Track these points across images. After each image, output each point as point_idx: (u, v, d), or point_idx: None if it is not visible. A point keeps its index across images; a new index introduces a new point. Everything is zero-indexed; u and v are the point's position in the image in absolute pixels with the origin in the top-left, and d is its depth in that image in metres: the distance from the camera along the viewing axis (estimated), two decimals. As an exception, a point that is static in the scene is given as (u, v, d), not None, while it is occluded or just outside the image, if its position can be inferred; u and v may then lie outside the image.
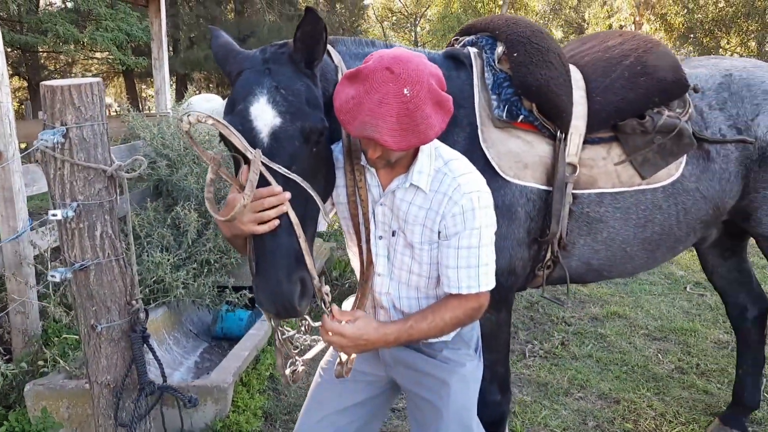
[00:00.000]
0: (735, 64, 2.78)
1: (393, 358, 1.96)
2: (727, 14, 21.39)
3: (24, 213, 3.49)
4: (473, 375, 1.97)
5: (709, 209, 2.61)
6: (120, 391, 2.33)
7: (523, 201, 2.35)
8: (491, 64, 2.39)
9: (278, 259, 1.62)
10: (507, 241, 2.36)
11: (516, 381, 3.77)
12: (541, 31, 2.43)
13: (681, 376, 3.84)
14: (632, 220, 2.50)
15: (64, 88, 2.06)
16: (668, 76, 2.44)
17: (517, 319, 4.74)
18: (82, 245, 2.20)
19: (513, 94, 2.31)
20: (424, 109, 1.52)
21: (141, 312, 2.34)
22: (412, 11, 33.20)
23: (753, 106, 2.60)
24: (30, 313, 3.52)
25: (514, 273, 2.44)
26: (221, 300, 4.29)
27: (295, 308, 1.64)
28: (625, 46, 2.56)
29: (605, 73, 2.49)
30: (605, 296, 5.24)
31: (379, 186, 1.80)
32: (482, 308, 1.80)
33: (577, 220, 2.47)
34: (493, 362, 2.51)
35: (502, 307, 2.49)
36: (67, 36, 13.57)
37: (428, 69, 1.58)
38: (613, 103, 2.41)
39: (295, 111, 1.65)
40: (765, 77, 2.68)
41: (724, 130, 2.58)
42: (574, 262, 2.56)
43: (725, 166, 2.57)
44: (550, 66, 2.32)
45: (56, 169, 2.12)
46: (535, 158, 2.35)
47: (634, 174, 2.46)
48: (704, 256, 3.25)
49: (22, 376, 3.21)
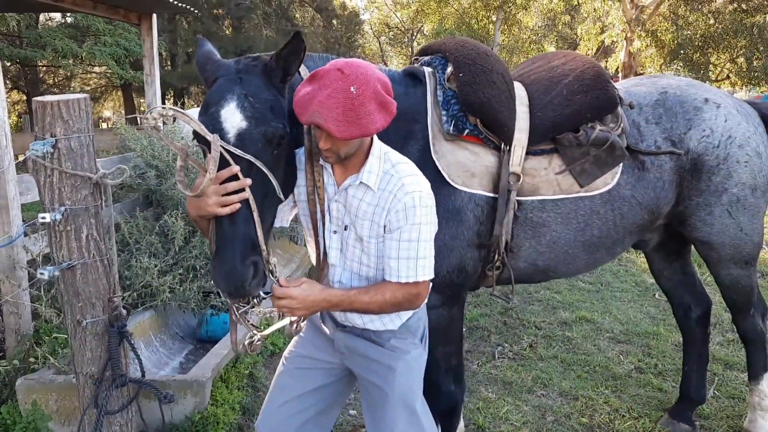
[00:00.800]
0: (671, 82, 3.02)
1: (347, 347, 2.18)
2: (716, 31, 21.76)
3: (18, 220, 3.71)
4: (418, 361, 2.19)
5: (645, 214, 2.84)
6: (100, 382, 2.55)
7: (471, 206, 2.58)
8: (442, 83, 2.63)
9: (235, 243, 1.85)
10: (457, 242, 2.59)
11: (483, 380, 3.99)
12: (486, 54, 2.67)
13: (639, 375, 4.06)
14: (573, 224, 2.74)
15: (53, 103, 2.29)
16: (600, 95, 2.68)
17: (491, 324, 4.96)
18: (69, 246, 2.42)
19: (459, 110, 2.55)
20: (367, 106, 1.78)
21: (121, 308, 2.55)
22: (408, 27, 33.59)
23: (685, 120, 2.85)
24: (23, 314, 3.74)
25: (464, 271, 2.66)
26: (206, 304, 4.52)
27: (246, 289, 1.87)
28: (566, 67, 2.81)
29: (547, 90, 2.74)
30: (576, 302, 5.47)
31: (335, 184, 2.05)
32: (421, 296, 2.02)
33: (522, 225, 2.70)
34: (447, 354, 2.74)
35: (455, 303, 2.70)
36: (66, 51, 13.88)
37: (376, 75, 1.85)
38: (551, 118, 2.65)
39: (260, 117, 1.88)
40: (697, 95, 2.92)
41: (659, 143, 2.82)
42: (522, 263, 2.79)
43: (659, 176, 2.81)
44: (493, 85, 2.56)
45: (46, 176, 2.34)
46: (482, 168, 2.58)
47: (573, 183, 2.69)
48: (651, 259, 3.49)
49: (14, 373, 3.42)
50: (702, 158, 2.81)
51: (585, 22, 26.55)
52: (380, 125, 1.82)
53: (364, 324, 2.12)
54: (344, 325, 2.18)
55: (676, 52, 22.38)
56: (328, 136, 1.82)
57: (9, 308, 3.71)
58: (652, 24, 22.42)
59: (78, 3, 5.22)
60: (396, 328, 2.14)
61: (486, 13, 26.69)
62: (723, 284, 3.11)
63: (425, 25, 31.04)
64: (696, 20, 22.06)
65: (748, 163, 2.84)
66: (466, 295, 2.83)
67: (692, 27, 21.94)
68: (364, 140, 1.94)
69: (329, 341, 2.24)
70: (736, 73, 22.87)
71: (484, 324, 4.94)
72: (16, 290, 3.68)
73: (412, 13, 30.65)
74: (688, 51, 22.15)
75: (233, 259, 1.84)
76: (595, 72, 2.75)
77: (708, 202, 2.86)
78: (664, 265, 3.45)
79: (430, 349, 2.68)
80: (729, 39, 21.75)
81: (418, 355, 2.19)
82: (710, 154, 2.81)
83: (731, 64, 23.18)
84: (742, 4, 21.37)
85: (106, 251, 2.51)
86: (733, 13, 21.28)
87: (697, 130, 2.83)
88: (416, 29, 33.30)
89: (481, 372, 4.11)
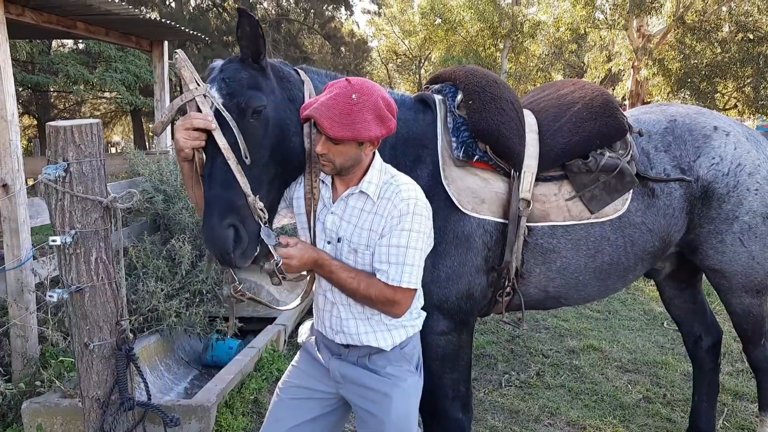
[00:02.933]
0: (679, 110, 3.03)
1: (342, 375, 2.18)
2: (722, 60, 21.87)
3: (28, 243, 3.74)
4: (414, 389, 2.19)
5: (656, 242, 2.83)
6: (107, 405, 2.54)
7: (480, 232, 2.58)
8: (452, 110, 2.66)
9: (213, 207, 2.00)
10: (466, 268, 2.58)
11: (490, 408, 3.95)
12: (496, 81, 2.70)
13: (647, 405, 4.02)
14: (583, 250, 2.73)
15: (66, 128, 2.32)
16: (609, 122, 2.69)
17: (498, 352, 4.92)
18: (79, 269, 2.43)
19: (469, 137, 2.57)
20: (365, 115, 1.92)
21: (128, 332, 2.55)
22: (416, 54, 33.91)
23: (695, 148, 2.85)
24: (30, 337, 3.74)
25: (472, 297, 2.65)
26: (212, 329, 4.51)
27: (229, 253, 1.99)
28: (576, 94, 2.84)
29: (556, 118, 2.77)
30: (584, 330, 5.43)
31: (331, 198, 2.14)
32: (397, 305, 2.02)
33: (532, 251, 2.69)
34: (455, 381, 2.71)
35: (463, 329, 2.68)
36: (77, 76, 14.06)
37: (381, 92, 1.99)
38: (561, 145, 2.67)
39: (233, 91, 2.08)
40: (706, 123, 2.93)
41: (668, 170, 2.82)
42: (532, 289, 2.78)
43: (669, 203, 2.80)
44: (502, 112, 2.59)
45: (57, 200, 2.36)
46: (492, 194, 2.59)
47: (583, 209, 2.70)
48: (662, 287, 3.47)
49: (20, 396, 3.42)
50: (712, 186, 2.81)
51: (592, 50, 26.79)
52: (374, 134, 1.94)
53: (359, 335, 2.12)
54: (339, 354, 2.19)
55: (683, 80, 22.47)
56: (326, 140, 1.95)
57: (16, 331, 3.72)
58: (659, 53, 22.56)
59: (91, 30, 5.30)
60: (388, 349, 2.13)
61: (493, 41, 26.95)
62: (734, 313, 3.08)
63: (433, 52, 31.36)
64: (703, 49, 22.18)
65: (758, 191, 2.83)
66: (475, 322, 2.82)
67: (699, 56, 22.05)
68: (363, 156, 2.02)
69: (324, 370, 2.24)
70: (743, 101, 22.93)
71: (491, 351, 4.91)
72: (24, 313, 3.69)
73: (419, 41, 30.99)
74: (695, 79, 22.23)
75: (212, 221, 1.99)
76: (604, 99, 2.77)
77: (719, 230, 2.84)
78: (675, 293, 3.43)
79: (438, 376, 2.67)
80: (736, 68, 21.85)
81: (414, 383, 2.19)
82: (720, 182, 2.81)
83: (738, 92, 23.25)
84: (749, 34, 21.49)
85: (114, 275, 2.52)
86: (740, 43, 21.41)
87: (707, 157, 2.83)
88: (424, 57, 33.61)
89: (487, 400, 4.07)
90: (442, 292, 2.57)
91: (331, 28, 25.35)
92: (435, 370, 2.69)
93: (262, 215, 2.04)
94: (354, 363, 2.15)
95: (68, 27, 4.91)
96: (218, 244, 1.98)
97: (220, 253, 2.00)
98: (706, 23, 21.55)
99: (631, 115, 3.06)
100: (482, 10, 25.76)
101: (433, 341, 2.63)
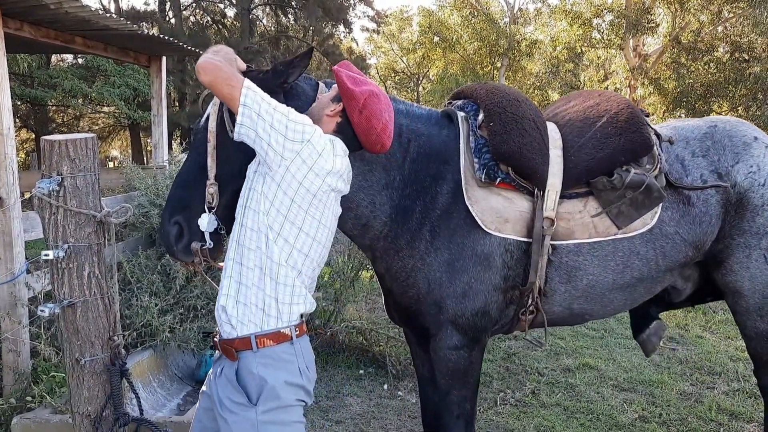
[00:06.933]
0: (721, 118, 3.01)
1: None
2: (717, 80, 22.01)
3: (21, 257, 3.72)
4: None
5: (690, 251, 2.77)
6: (99, 422, 2.52)
7: (501, 251, 2.56)
8: (474, 129, 2.64)
9: (167, 205, 2.24)
10: (483, 285, 2.57)
11: (485, 426, 3.92)
12: (518, 100, 2.67)
13: (643, 424, 3.99)
14: (610, 267, 2.68)
15: (61, 142, 2.32)
16: (635, 137, 2.64)
17: (493, 369, 4.90)
18: (71, 284, 2.41)
19: (491, 159, 2.54)
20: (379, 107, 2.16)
21: (121, 347, 2.54)
22: (414, 71, 34.10)
23: (734, 154, 2.81)
24: (22, 352, 3.72)
25: (488, 315, 2.62)
26: (206, 345, 4.48)
27: (172, 246, 2.20)
28: (601, 107, 2.79)
29: (581, 132, 2.72)
30: (580, 348, 5.41)
31: None
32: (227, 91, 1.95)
33: (557, 269, 2.65)
34: (462, 398, 2.69)
35: (475, 346, 2.67)
36: (76, 91, 14.07)
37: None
38: (585, 162, 2.63)
39: None
40: (747, 132, 2.90)
41: (705, 175, 2.77)
42: (557, 308, 2.74)
43: (705, 209, 2.75)
44: (524, 133, 2.56)
45: (51, 214, 2.36)
46: (516, 213, 2.57)
47: (610, 225, 2.64)
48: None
49: (10, 411, 3.39)
50: (747, 194, 2.76)
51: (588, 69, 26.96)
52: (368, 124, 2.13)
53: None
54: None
55: (678, 99, 22.59)
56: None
57: (8, 345, 3.70)
58: (654, 72, 22.72)
59: (90, 45, 5.32)
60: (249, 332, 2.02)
61: (491, 59, 27.15)
62: (748, 336, 3.00)
63: (431, 70, 31.53)
64: (698, 69, 22.34)
65: None
66: (487, 339, 2.79)
67: (694, 75, 22.20)
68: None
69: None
70: (738, 121, 23.04)
71: (486, 369, 4.89)
72: (16, 327, 3.67)
73: (418, 59, 31.17)
74: (691, 99, 22.36)
75: (162, 218, 2.25)
76: (630, 113, 2.72)
77: (748, 243, 2.78)
78: None
79: (445, 392, 2.65)
80: (730, 88, 22.00)
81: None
82: (755, 192, 2.76)
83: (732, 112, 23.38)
84: (744, 54, 21.67)
85: (107, 289, 2.51)
86: (734, 63, 21.57)
87: (745, 164, 2.79)
88: (422, 74, 33.81)
89: (482, 418, 4.05)
90: (458, 307, 2.56)
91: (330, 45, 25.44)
92: (443, 386, 2.68)
93: (210, 199, 2.15)
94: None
95: (66, 42, 4.92)
96: (163, 239, 2.23)
97: (165, 246, 2.25)
98: (702, 43, 21.73)
99: (668, 124, 3.03)
100: (480, 28, 26.02)
101: (445, 356, 2.62)
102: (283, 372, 2.00)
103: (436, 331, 2.62)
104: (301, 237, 2.01)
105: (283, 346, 2.02)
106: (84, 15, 4.22)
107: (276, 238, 1.98)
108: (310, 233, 2.03)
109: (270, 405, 1.97)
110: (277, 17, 25.25)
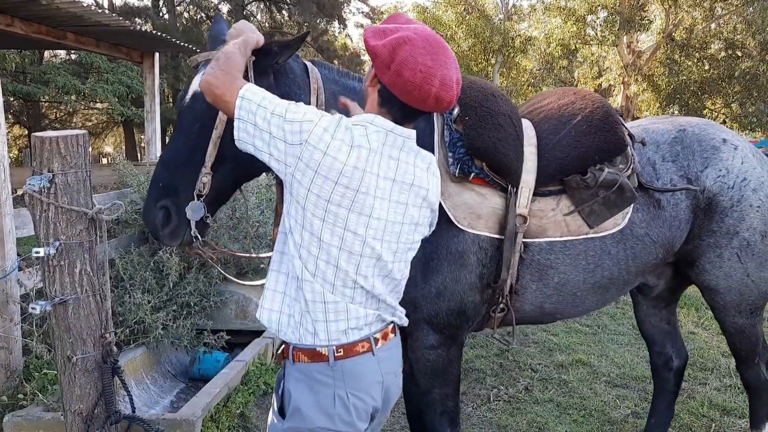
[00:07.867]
0: (689, 121, 3.01)
1: None
2: (711, 77, 22.09)
3: (13, 254, 3.71)
4: None
5: (660, 253, 2.80)
6: (90, 420, 2.51)
7: (475, 249, 2.54)
8: (449, 123, 2.60)
9: (152, 187, 2.19)
10: (459, 285, 2.54)
11: (478, 423, 3.93)
12: (494, 95, 2.64)
13: (635, 420, 4.01)
14: (582, 266, 2.69)
15: (51, 139, 2.30)
16: (609, 137, 2.64)
17: (486, 366, 4.91)
18: (62, 281, 2.40)
19: (465, 153, 2.52)
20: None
21: (113, 344, 2.53)
22: (408, 68, 34.01)
23: (703, 159, 2.82)
24: (13, 350, 3.70)
25: (464, 314, 2.61)
26: (199, 342, 4.48)
27: (158, 231, 2.17)
28: (576, 105, 2.77)
29: (555, 130, 2.71)
30: (573, 345, 5.43)
31: None
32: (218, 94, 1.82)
33: (528, 267, 2.65)
34: (443, 396, 2.68)
35: (453, 344, 2.65)
36: (69, 87, 14.01)
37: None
38: (559, 159, 2.62)
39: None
40: (715, 134, 2.91)
41: (675, 180, 2.79)
42: (527, 306, 2.73)
43: (675, 214, 2.77)
44: (499, 128, 2.53)
45: (42, 211, 2.34)
46: (488, 209, 2.55)
47: (582, 224, 2.65)
48: (639, 304, 3.45)
49: (1, 409, 3.38)
50: (716, 198, 2.78)
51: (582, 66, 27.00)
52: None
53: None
54: None
55: (672, 96, 22.68)
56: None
57: (0, 343, 3.68)
58: (648, 69, 22.79)
59: (82, 41, 5.30)
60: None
61: (485, 56, 27.14)
62: (728, 332, 3.05)
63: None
64: (691, 66, 22.41)
65: (760, 208, 2.80)
66: (465, 337, 2.79)
67: (687, 72, 22.27)
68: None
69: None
70: (732, 118, 23.15)
71: (479, 366, 4.90)
72: (8, 325, 3.65)
73: (412, 55, 31.08)
74: (684, 95, 22.44)
75: (146, 202, 2.19)
76: (604, 112, 2.71)
77: (719, 244, 2.82)
78: (653, 311, 3.42)
79: (426, 391, 2.64)
80: (723, 84, 22.08)
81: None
82: (725, 195, 2.78)
83: (726, 109, 23.48)
84: (737, 51, 21.75)
85: (99, 287, 2.50)
86: (727, 60, 21.65)
87: (714, 169, 2.81)
88: (416, 71, 33.72)
89: (475, 415, 4.06)
90: (433, 307, 2.53)
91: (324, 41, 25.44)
92: (423, 385, 2.67)
93: (202, 188, 2.12)
94: None
95: (58, 38, 4.90)
96: (149, 223, 2.19)
97: (151, 230, 2.22)
98: (695, 40, 21.79)
99: (639, 124, 3.03)
100: (474, 25, 25.98)
101: (423, 355, 2.61)
102: (312, 394, 1.84)
103: (412, 331, 2.59)
104: (324, 247, 1.77)
105: (319, 366, 1.84)
106: (76, 11, 4.20)
107: (298, 249, 1.80)
108: (333, 243, 1.77)
109: (292, 423, 1.85)
110: (272, 13, 25.24)
